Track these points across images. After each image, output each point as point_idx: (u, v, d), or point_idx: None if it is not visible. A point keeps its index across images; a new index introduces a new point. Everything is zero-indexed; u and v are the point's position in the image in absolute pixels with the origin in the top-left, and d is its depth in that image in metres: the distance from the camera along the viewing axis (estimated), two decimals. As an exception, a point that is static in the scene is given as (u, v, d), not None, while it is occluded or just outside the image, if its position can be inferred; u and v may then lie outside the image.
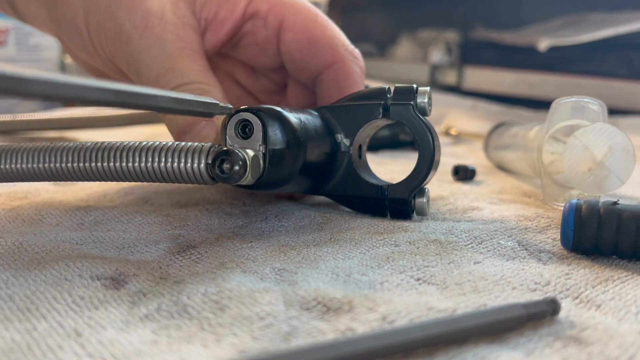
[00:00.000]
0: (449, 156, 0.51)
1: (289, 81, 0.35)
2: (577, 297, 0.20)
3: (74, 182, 0.37)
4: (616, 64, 0.77)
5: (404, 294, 0.20)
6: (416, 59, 1.06)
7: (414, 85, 0.28)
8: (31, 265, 0.22)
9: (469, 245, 0.25)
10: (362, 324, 0.18)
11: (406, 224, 0.28)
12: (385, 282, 0.21)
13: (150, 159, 0.23)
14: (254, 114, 0.23)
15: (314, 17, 0.32)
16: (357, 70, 0.32)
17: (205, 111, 0.22)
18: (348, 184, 0.29)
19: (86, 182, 0.36)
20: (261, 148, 0.23)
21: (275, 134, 0.24)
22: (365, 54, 0.34)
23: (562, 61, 0.80)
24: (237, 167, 0.22)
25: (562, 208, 0.28)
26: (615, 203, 0.23)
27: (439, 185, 0.37)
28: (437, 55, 1.01)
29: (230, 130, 0.24)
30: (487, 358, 0.16)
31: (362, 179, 0.28)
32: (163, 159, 0.23)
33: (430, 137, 0.28)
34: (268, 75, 0.35)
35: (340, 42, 0.32)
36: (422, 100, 0.28)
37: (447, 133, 0.63)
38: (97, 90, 0.16)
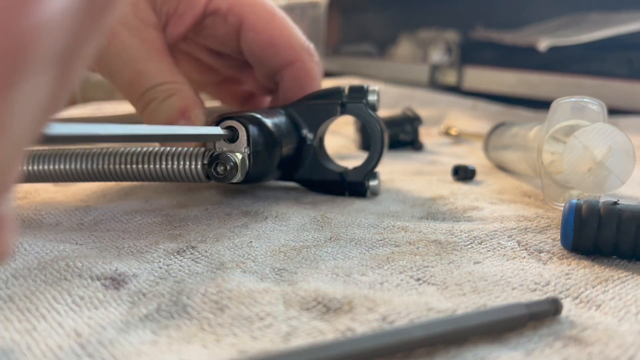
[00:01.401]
0: (448, 156, 0.51)
1: None
2: (577, 297, 0.20)
3: (74, 182, 0.37)
4: (616, 64, 0.77)
5: (404, 294, 0.20)
6: (416, 59, 1.06)
7: (365, 85, 0.33)
8: (31, 265, 0.22)
9: (469, 246, 0.25)
10: (362, 324, 0.18)
11: (406, 224, 0.28)
12: (385, 283, 0.21)
13: (155, 162, 0.27)
14: (238, 121, 0.27)
15: (272, 17, 0.33)
16: (315, 67, 0.34)
17: (211, 138, 0.27)
18: (313, 171, 0.34)
19: (86, 183, 0.36)
20: (246, 150, 0.27)
21: (257, 137, 0.28)
22: (365, 54, 0.35)
23: (562, 61, 0.80)
24: (229, 169, 0.27)
25: (562, 208, 0.28)
26: (615, 203, 0.23)
27: (439, 185, 0.37)
28: (437, 55, 1.00)
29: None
30: (487, 358, 0.16)
31: (325, 167, 0.33)
32: (164, 162, 0.27)
33: (380, 130, 0.33)
34: (231, 55, 0.36)
35: (297, 42, 0.33)
36: (372, 98, 0.33)
37: (447, 133, 0.63)
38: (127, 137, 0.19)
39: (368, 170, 0.33)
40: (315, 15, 0.82)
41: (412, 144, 0.55)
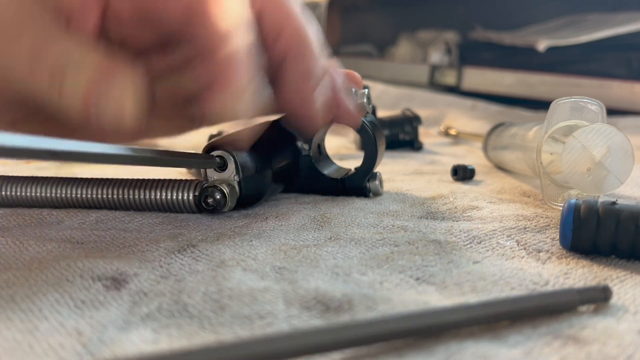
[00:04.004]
0: (448, 156, 0.51)
1: None
2: (575, 297, 0.20)
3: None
4: (615, 64, 0.77)
5: (403, 294, 0.20)
6: (416, 60, 1.06)
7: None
8: (32, 265, 0.22)
9: (468, 245, 0.25)
10: (362, 323, 0.18)
11: (406, 223, 0.28)
12: (385, 282, 0.21)
13: (147, 192, 0.29)
14: (226, 151, 0.28)
15: None
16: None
17: (203, 164, 0.27)
18: (312, 180, 0.34)
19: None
20: (235, 177, 0.28)
21: (245, 163, 0.28)
22: (365, 55, 0.35)
23: (561, 61, 0.80)
24: (219, 199, 0.28)
25: (561, 208, 0.28)
26: (613, 203, 0.23)
27: (439, 185, 0.37)
28: (436, 56, 1.01)
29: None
30: (487, 355, 0.16)
31: (323, 175, 0.34)
32: (157, 193, 0.29)
33: (371, 134, 0.33)
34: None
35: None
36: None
37: (446, 133, 0.63)
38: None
39: (366, 173, 0.33)
40: (315, 15, 0.82)
41: (412, 143, 0.56)
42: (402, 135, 0.55)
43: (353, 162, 0.35)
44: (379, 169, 0.39)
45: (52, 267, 0.21)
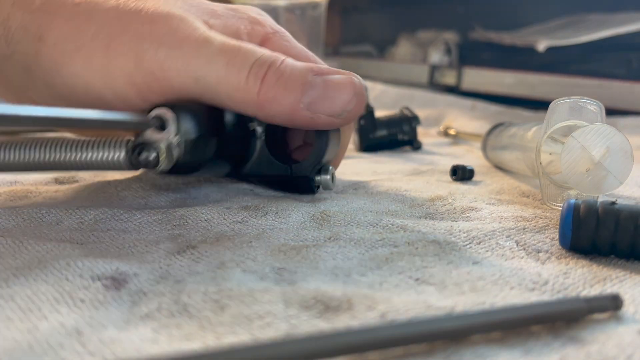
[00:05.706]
0: (447, 156, 0.51)
1: None
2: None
3: (75, 181, 0.37)
4: (615, 64, 0.77)
5: (403, 294, 0.20)
6: (416, 60, 1.06)
7: None
8: (32, 264, 0.22)
9: (468, 246, 0.25)
10: (361, 322, 0.18)
11: (405, 223, 0.28)
12: (384, 282, 0.21)
13: (78, 151, 0.26)
14: (167, 110, 0.27)
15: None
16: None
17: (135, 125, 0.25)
18: (262, 166, 0.32)
19: (86, 181, 0.37)
20: (175, 138, 0.26)
21: (188, 125, 0.27)
22: (364, 55, 0.35)
23: (560, 62, 0.80)
24: (152, 156, 0.26)
25: (560, 208, 0.28)
26: (613, 203, 0.23)
27: (438, 185, 0.37)
28: (436, 56, 1.01)
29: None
30: (486, 356, 0.16)
31: (273, 161, 0.32)
32: (88, 152, 0.26)
33: None
34: None
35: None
36: None
37: (445, 133, 0.63)
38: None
39: (314, 163, 0.31)
40: (315, 15, 0.82)
41: (411, 143, 0.55)
42: (401, 135, 0.55)
43: (351, 162, 0.35)
44: (378, 167, 0.39)
45: (51, 267, 0.21)
